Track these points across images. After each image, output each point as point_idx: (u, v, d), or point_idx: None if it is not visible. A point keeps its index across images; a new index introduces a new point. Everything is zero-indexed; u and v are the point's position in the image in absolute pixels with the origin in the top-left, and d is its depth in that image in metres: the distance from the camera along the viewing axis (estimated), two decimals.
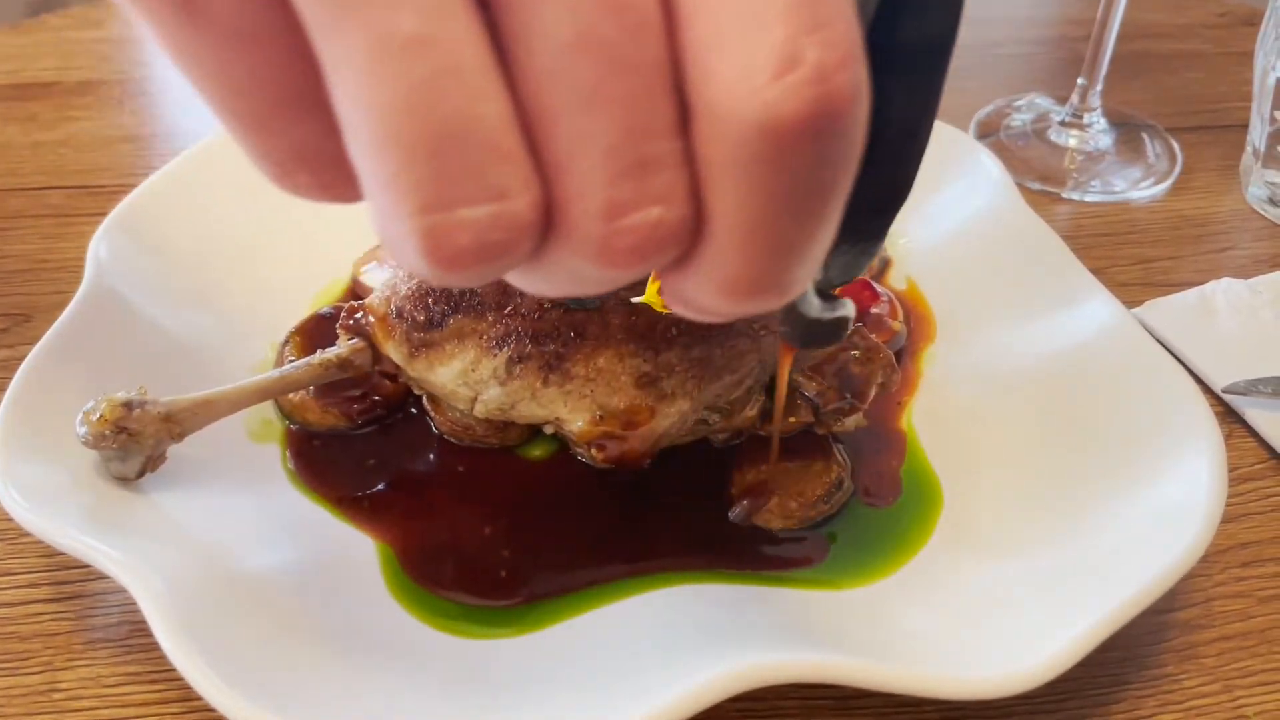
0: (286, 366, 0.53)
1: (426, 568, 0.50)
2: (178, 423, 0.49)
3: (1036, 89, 0.92)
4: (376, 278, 0.63)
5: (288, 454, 0.55)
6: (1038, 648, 0.42)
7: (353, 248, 0.67)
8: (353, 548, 0.50)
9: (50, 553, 0.50)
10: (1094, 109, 0.84)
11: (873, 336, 0.53)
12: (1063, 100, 0.87)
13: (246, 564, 0.47)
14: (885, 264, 0.68)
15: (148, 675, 0.46)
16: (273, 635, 0.44)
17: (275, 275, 0.64)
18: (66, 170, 0.78)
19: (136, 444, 0.48)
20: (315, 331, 0.60)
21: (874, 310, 0.60)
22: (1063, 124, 0.85)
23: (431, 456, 0.56)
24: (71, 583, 0.50)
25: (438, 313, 0.51)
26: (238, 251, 0.64)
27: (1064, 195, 0.79)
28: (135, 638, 0.47)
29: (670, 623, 0.47)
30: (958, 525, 0.52)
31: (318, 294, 0.65)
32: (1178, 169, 0.82)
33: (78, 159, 0.79)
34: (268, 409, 0.57)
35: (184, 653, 0.40)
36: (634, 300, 0.50)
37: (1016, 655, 0.42)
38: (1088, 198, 0.79)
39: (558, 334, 0.49)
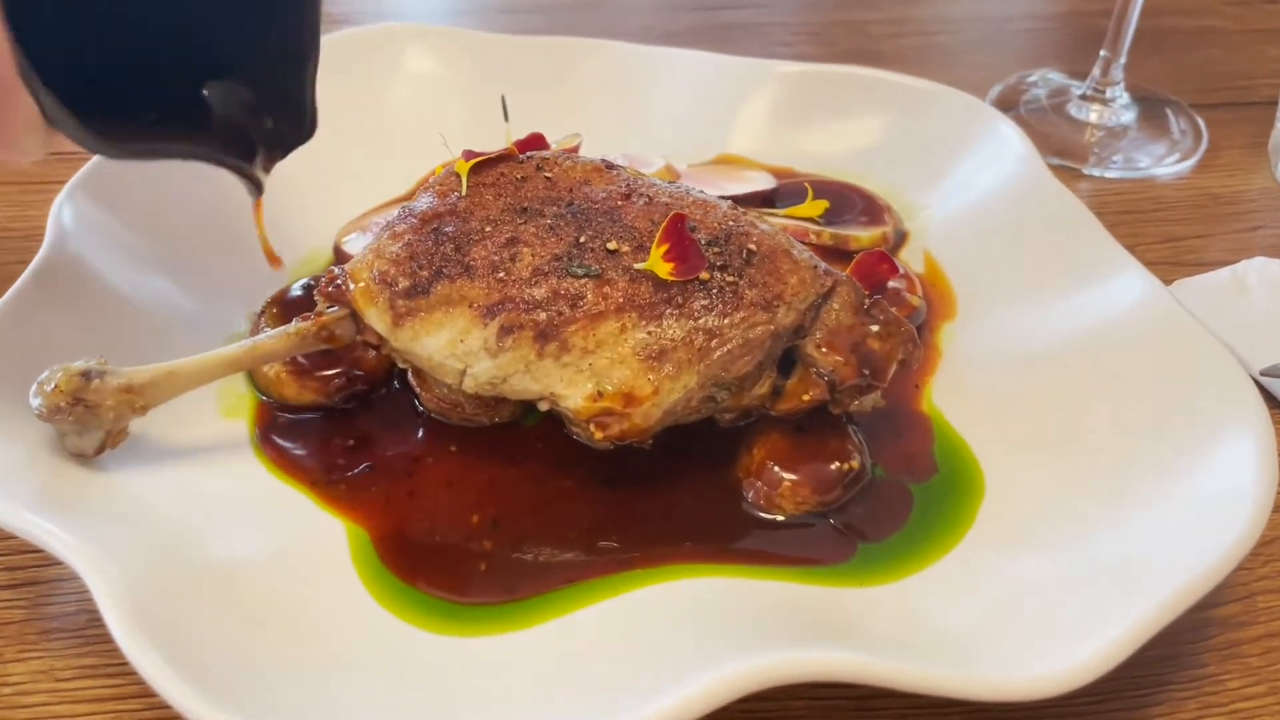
0: (260, 336, 0.50)
1: (406, 559, 0.46)
2: (139, 395, 0.45)
3: (1049, 64, 0.89)
4: (360, 247, 0.59)
5: (260, 432, 0.51)
6: (1072, 649, 0.38)
7: (335, 215, 0.63)
8: (326, 534, 0.47)
9: (2, 535, 0.46)
10: (1116, 83, 0.80)
11: (893, 310, 0.49)
12: (1077, 75, 0.84)
13: (212, 551, 0.44)
14: (901, 237, 0.64)
15: (104, 669, 0.43)
16: (237, 629, 0.40)
17: (253, 243, 0.60)
18: None
19: (95, 417, 0.44)
20: (294, 302, 0.56)
21: (891, 284, 0.57)
22: (1083, 98, 0.81)
23: (416, 436, 0.52)
24: (25, 568, 0.46)
25: (424, 278, 0.47)
26: (212, 217, 0.60)
27: (1085, 171, 0.76)
28: (93, 628, 0.44)
29: (669, 620, 0.43)
30: (989, 516, 0.48)
31: (298, 263, 0.61)
32: (1204, 146, 0.79)
33: None
34: (242, 383, 0.53)
35: (139, 645, 0.36)
36: (638, 267, 0.46)
37: (1049, 656, 0.38)
38: (1109, 174, 0.76)
39: (554, 302, 0.46)
